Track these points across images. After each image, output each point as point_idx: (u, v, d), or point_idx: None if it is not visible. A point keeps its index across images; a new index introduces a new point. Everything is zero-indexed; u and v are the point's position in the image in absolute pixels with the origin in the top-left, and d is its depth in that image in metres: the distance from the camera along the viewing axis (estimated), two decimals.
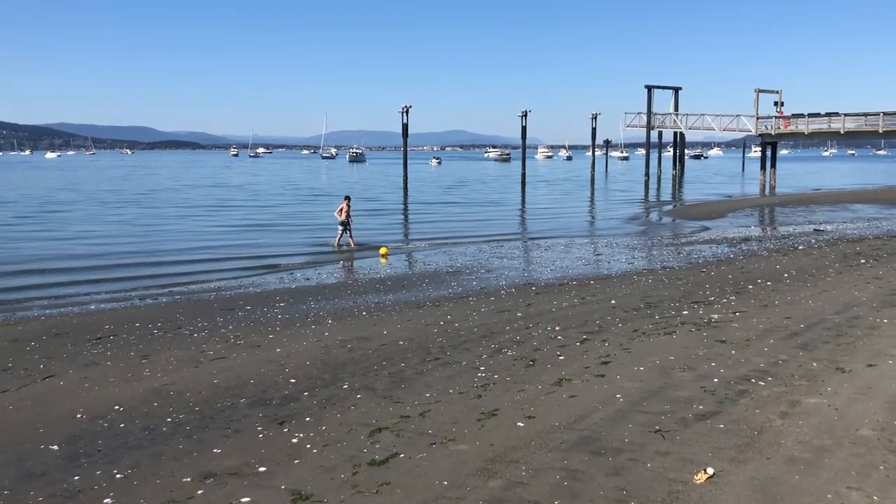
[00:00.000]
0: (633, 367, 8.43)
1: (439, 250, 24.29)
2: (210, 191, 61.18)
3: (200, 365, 9.72)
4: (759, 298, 12.64)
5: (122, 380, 9.09)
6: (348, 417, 7.25)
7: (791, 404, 6.89)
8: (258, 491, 5.60)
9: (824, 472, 5.38)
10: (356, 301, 14.82)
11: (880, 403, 6.82)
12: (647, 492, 5.16)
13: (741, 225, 31.71)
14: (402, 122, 51.47)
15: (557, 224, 33.73)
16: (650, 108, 66.95)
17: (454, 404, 7.45)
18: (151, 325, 12.64)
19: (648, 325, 10.85)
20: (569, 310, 12.56)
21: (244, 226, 33.03)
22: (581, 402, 7.21)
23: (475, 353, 9.68)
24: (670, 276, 16.54)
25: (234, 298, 15.51)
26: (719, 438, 6.09)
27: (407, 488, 5.43)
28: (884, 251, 19.20)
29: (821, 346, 9.09)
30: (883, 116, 51.73)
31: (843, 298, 12.22)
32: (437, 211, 41.05)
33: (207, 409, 7.82)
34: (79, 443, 6.93)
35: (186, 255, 23.75)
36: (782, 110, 58.97)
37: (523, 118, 60.09)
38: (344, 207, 24.51)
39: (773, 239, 25.09)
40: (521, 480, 5.44)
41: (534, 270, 19.08)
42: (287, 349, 10.42)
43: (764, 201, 46.24)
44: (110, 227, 32.56)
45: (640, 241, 26.56)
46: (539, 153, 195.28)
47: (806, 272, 15.70)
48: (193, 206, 44.04)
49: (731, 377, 7.85)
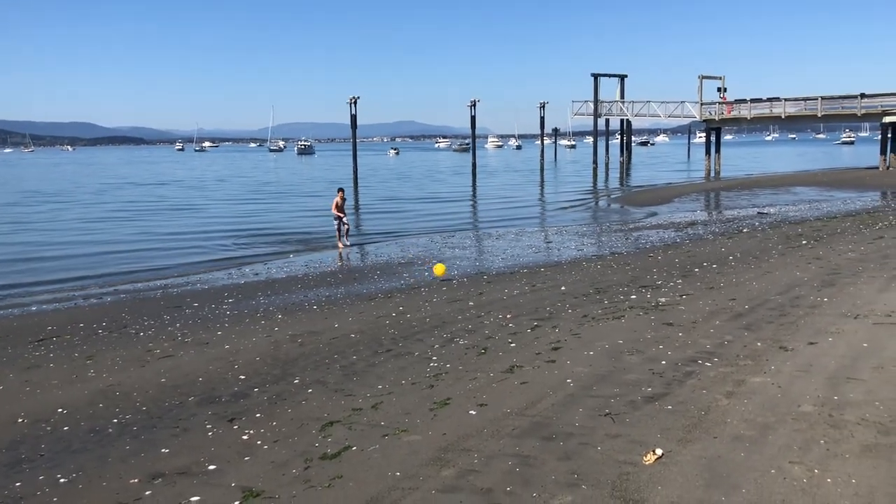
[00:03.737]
0: (584, 352, 8.52)
1: (391, 242, 24.22)
2: (152, 189, 59.99)
3: (147, 364, 9.52)
4: (705, 281, 12.88)
5: (65, 382, 8.86)
6: (299, 412, 7.18)
7: (736, 384, 7.03)
8: (208, 489, 5.51)
9: (768, 448, 5.51)
10: (306, 295, 14.68)
11: (821, 380, 7.01)
12: (597, 475, 5.21)
13: (687, 210, 32.29)
14: (351, 114, 51.01)
15: (508, 213, 33.90)
16: (597, 96, 67.63)
17: (406, 395, 7.43)
18: (96, 325, 12.34)
19: (598, 310, 10.98)
20: (520, 297, 12.63)
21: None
22: (532, 389, 7.26)
23: (427, 343, 9.68)
24: (619, 261, 16.76)
25: (181, 296, 15.23)
26: (667, 420, 6.18)
27: (359, 481, 5.40)
28: (824, 232, 19.75)
29: (765, 326, 9.30)
30: (821, 101, 53.23)
31: (785, 279, 12.52)
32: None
33: (155, 408, 7.67)
34: (20, 448, 6.73)
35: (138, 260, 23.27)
36: (725, 96, 60.20)
37: (472, 108, 60.17)
38: (337, 200, 22.87)
39: (719, 223, 25.60)
40: (474, 468, 5.45)
41: (485, 259, 19.14)
42: (236, 346, 10.27)
43: (709, 186, 47.14)
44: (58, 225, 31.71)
45: (589, 228, 26.87)
46: (489, 143, 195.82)
47: (750, 254, 16.05)
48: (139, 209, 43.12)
49: (679, 359, 7.98)
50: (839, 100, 52.96)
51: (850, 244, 16.64)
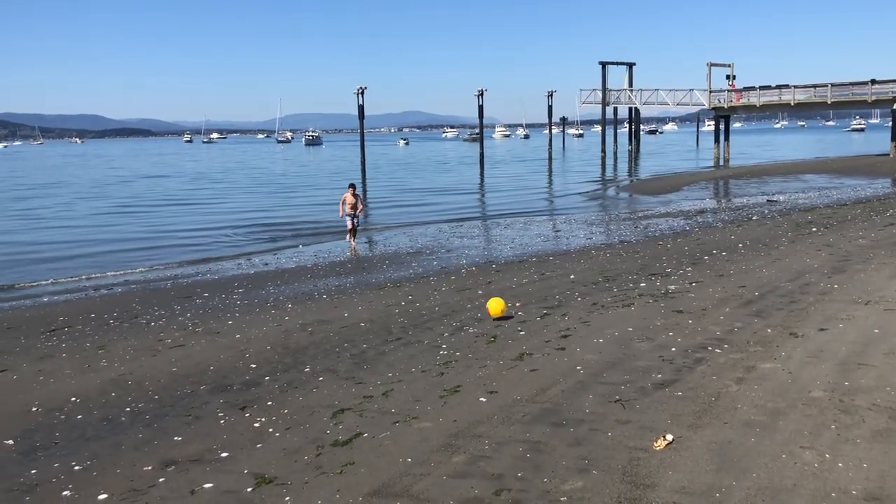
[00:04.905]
0: (593, 339, 8.52)
1: (399, 232, 24.23)
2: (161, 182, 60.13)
3: (158, 353, 9.58)
4: (715, 269, 12.85)
5: (78, 371, 8.92)
6: (310, 400, 7.22)
7: (747, 370, 7.03)
8: (221, 476, 5.56)
9: (779, 433, 5.51)
10: (316, 285, 14.72)
11: (831, 366, 7.00)
12: (608, 460, 5.23)
13: (696, 198, 32.17)
14: (358, 104, 51.01)
15: (516, 202, 33.86)
16: (605, 85, 67.36)
17: (417, 383, 7.46)
18: (107, 316, 12.42)
19: (607, 298, 10.97)
20: (529, 286, 12.63)
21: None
22: (542, 376, 7.27)
23: (437, 331, 9.70)
24: (628, 249, 16.73)
25: (191, 286, 15.30)
26: (678, 406, 6.19)
27: (371, 467, 5.43)
28: (834, 219, 19.65)
29: (774, 312, 9.27)
30: (831, 88, 52.85)
31: (795, 266, 12.48)
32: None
33: (167, 397, 7.72)
34: (35, 436, 6.80)
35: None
36: (734, 83, 59.82)
37: (480, 97, 60.00)
38: (348, 198, 20.51)
39: (728, 211, 25.50)
40: (485, 454, 5.47)
41: (493, 249, 19.14)
42: (247, 335, 10.32)
43: (718, 174, 46.93)
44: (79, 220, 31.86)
45: (597, 216, 26.81)
46: (497, 132, 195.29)
47: (760, 242, 15.99)
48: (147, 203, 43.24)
49: (689, 346, 7.98)
50: (849, 86, 52.59)
51: (861, 231, 16.56)
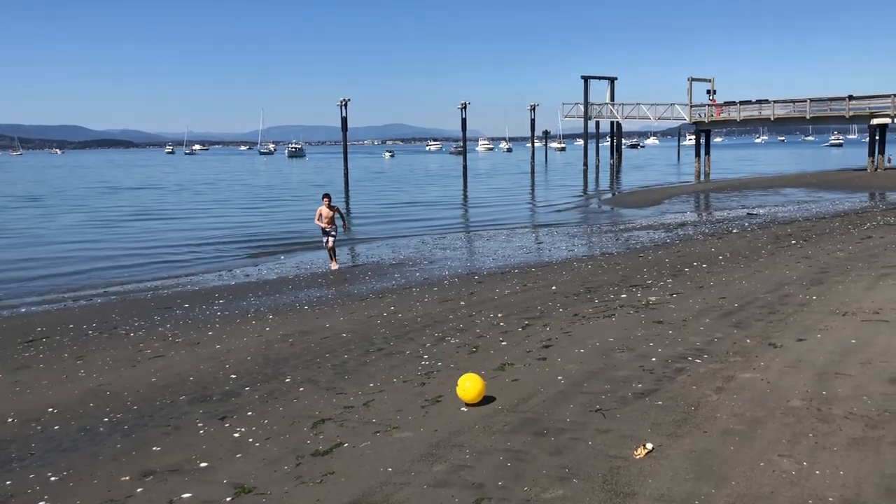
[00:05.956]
0: (574, 349, 8.55)
1: (382, 243, 24.22)
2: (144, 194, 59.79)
3: (138, 364, 9.50)
4: (695, 280, 12.94)
5: (55, 382, 8.83)
6: (291, 410, 7.18)
7: (726, 379, 7.07)
8: (200, 486, 5.51)
9: (757, 442, 5.55)
10: (297, 296, 14.67)
11: (809, 375, 7.06)
12: (588, 469, 5.24)
13: (677, 211, 32.42)
14: (341, 116, 51.02)
15: (499, 215, 33.95)
16: (587, 99, 67.81)
17: (398, 393, 7.44)
18: (86, 326, 12.30)
19: (588, 308, 11.01)
20: (511, 297, 12.66)
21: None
22: (523, 386, 7.28)
23: (419, 342, 9.69)
24: (609, 261, 16.82)
25: (171, 297, 15.20)
26: (658, 415, 6.22)
27: (351, 476, 5.41)
28: (813, 232, 19.87)
29: (754, 323, 9.35)
30: (810, 103, 53.54)
31: (774, 278, 12.60)
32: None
33: (146, 407, 7.65)
34: (10, 447, 6.70)
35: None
36: (715, 98, 60.45)
37: (463, 110, 60.24)
38: (323, 211, 18.35)
39: (709, 223, 25.72)
40: (466, 463, 5.47)
41: (476, 260, 19.18)
42: (227, 345, 10.25)
43: (699, 187, 47.35)
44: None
45: (579, 229, 26.95)
46: (480, 145, 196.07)
47: (740, 254, 16.13)
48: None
49: (669, 356, 8.02)
50: (827, 102, 53.30)
51: (839, 244, 16.75)
